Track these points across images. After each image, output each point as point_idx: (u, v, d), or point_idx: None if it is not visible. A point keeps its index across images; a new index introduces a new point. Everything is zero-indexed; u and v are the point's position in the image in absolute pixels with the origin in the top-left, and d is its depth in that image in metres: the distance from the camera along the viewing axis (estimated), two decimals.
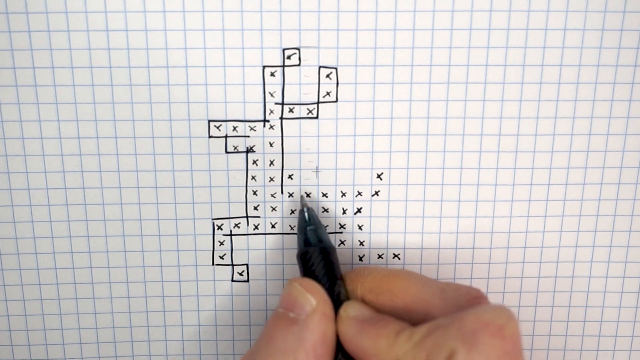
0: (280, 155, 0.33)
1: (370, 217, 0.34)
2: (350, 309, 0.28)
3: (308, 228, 0.31)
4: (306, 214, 0.32)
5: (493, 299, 0.35)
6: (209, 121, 0.32)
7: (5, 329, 0.35)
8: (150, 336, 0.36)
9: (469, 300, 0.27)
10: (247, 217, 0.34)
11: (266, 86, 0.32)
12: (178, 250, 0.34)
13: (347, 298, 0.30)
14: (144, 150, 0.33)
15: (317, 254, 0.30)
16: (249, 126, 0.32)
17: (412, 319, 0.28)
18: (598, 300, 0.35)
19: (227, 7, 0.30)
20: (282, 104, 0.32)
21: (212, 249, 0.34)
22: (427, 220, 0.34)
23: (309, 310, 0.28)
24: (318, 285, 0.29)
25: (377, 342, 0.26)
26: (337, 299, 0.29)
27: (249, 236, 0.34)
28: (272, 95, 0.32)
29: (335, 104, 0.32)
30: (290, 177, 0.33)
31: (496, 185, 0.33)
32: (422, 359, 0.24)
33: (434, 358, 0.24)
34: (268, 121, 0.32)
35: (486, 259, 0.34)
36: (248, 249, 0.34)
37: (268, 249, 0.34)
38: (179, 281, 0.35)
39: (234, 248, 0.34)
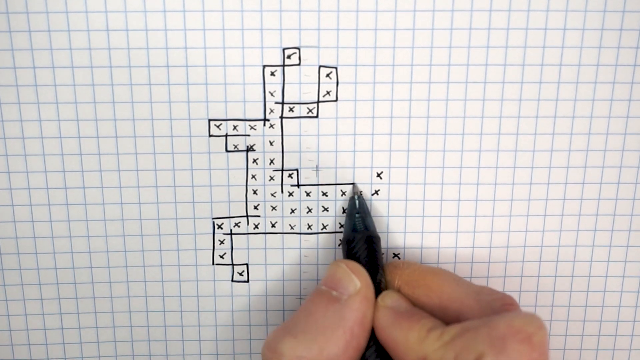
0: (281, 154, 0.33)
1: (370, 216, 0.34)
2: (387, 299, 0.29)
3: (357, 215, 0.32)
4: (357, 201, 0.32)
5: None
6: (209, 120, 0.32)
7: (6, 329, 0.35)
8: (150, 336, 0.36)
9: (502, 305, 0.27)
10: (247, 216, 0.34)
11: (266, 85, 0.32)
12: (178, 250, 0.34)
13: (386, 288, 0.30)
14: (144, 150, 0.33)
15: (362, 241, 0.30)
16: (249, 125, 0.32)
17: (445, 316, 0.28)
18: (598, 299, 0.35)
19: (227, 6, 0.31)
20: (282, 103, 0.32)
21: (212, 248, 0.34)
22: (427, 219, 0.34)
23: (352, 291, 0.28)
24: (363, 269, 0.29)
25: (408, 335, 0.27)
26: (378, 287, 0.29)
27: (249, 235, 0.34)
28: (272, 94, 0.32)
29: (335, 103, 0.32)
30: (290, 176, 0.33)
31: (496, 184, 0.33)
32: (450, 358, 0.25)
33: (462, 359, 0.24)
34: (268, 120, 0.32)
35: (486, 258, 0.34)
36: (248, 248, 0.34)
37: (268, 248, 0.34)
38: (179, 281, 0.35)
39: (234, 247, 0.34)
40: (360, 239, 0.31)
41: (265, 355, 0.28)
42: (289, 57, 0.31)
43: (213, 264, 0.35)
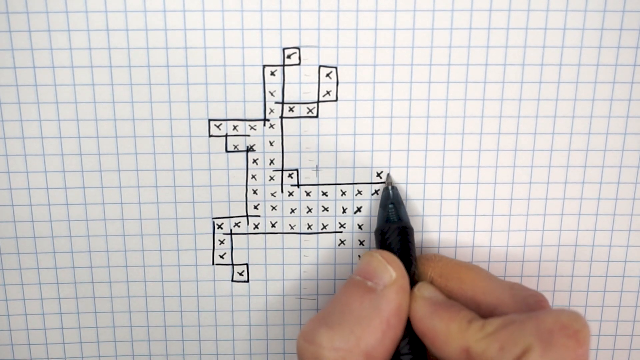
0: (281, 154, 0.33)
1: (370, 216, 0.34)
2: (424, 290, 0.29)
3: (390, 206, 0.32)
4: (390, 192, 0.32)
5: None
6: (209, 120, 0.32)
7: (6, 329, 0.35)
8: (150, 336, 0.36)
9: (536, 302, 0.28)
10: (247, 216, 0.34)
11: (266, 85, 0.32)
12: (178, 250, 0.34)
13: (419, 280, 0.30)
14: (144, 150, 0.33)
15: (396, 232, 0.30)
16: (249, 125, 0.32)
17: (479, 310, 0.28)
18: (598, 299, 0.35)
19: (227, 6, 0.31)
20: (282, 103, 0.32)
21: (212, 248, 0.34)
22: (427, 218, 0.34)
23: (388, 281, 0.28)
24: (398, 259, 0.29)
25: (449, 325, 0.27)
26: (411, 279, 0.29)
27: (249, 235, 0.34)
28: (272, 94, 0.32)
29: (335, 103, 0.32)
30: (290, 176, 0.33)
31: (495, 183, 0.33)
32: (494, 349, 0.25)
33: (508, 350, 0.25)
34: (268, 120, 0.32)
35: (485, 257, 0.34)
36: (248, 248, 0.34)
37: (268, 248, 0.34)
38: (179, 281, 0.35)
39: (234, 247, 0.34)
40: (394, 229, 0.31)
41: (302, 346, 0.27)
42: (289, 57, 0.31)
43: (213, 264, 0.35)
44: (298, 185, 0.33)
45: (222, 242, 0.34)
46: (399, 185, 0.33)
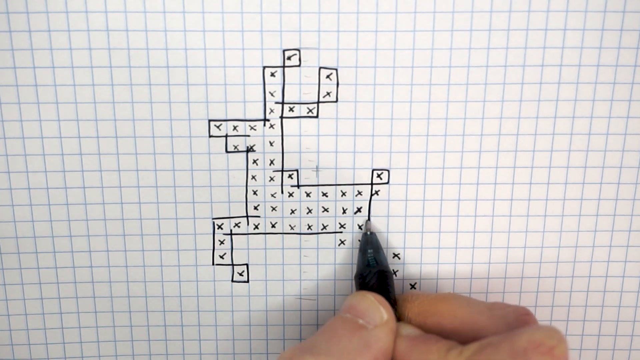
0: (281, 154, 0.33)
1: (370, 216, 0.34)
2: (402, 329, 0.30)
3: (369, 251, 0.33)
4: (370, 237, 0.33)
5: (492, 298, 0.35)
6: (209, 121, 0.32)
7: (6, 329, 0.35)
8: (150, 336, 0.36)
9: (517, 317, 0.28)
10: (247, 216, 0.34)
11: (266, 86, 0.32)
12: (178, 250, 0.34)
13: (398, 321, 0.31)
14: (144, 150, 0.33)
15: (375, 276, 0.31)
16: (249, 125, 0.32)
17: (461, 338, 0.28)
18: (598, 299, 0.35)
19: (227, 8, 0.30)
20: (282, 103, 0.32)
21: (212, 248, 0.34)
22: (427, 219, 0.34)
23: (379, 321, 0.29)
24: (387, 302, 0.30)
25: (427, 357, 0.27)
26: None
27: (249, 235, 0.34)
28: (272, 94, 0.32)
29: (335, 104, 0.32)
30: (290, 176, 0.33)
31: (496, 184, 0.33)
32: None
33: None
34: (268, 120, 0.32)
35: (486, 258, 0.34)
36: (248, 249, 0.34)
37: (268, 248, 0.34)
38: (179, 281, 0.35)
39: (234, 247, 0.34)
40: (373, 273, 0.31)
41: None
42: (289, 58, 0.31)
43: (213, 264, 0.35)
44: (298, 186, 0.33)
45: (222, 243, 0.34)
46: (399, 186, 0.33)
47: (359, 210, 0.34)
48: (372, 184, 0.33)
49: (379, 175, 0.33)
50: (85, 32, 0.31)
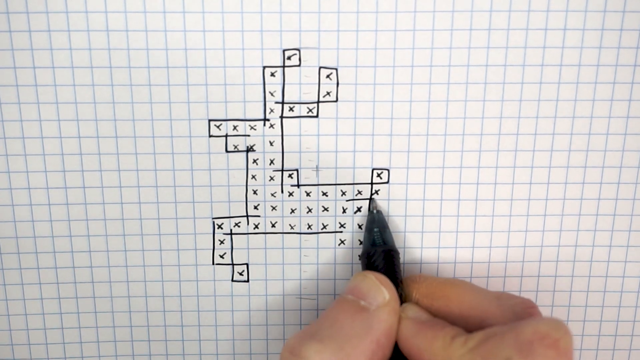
0: (281, 154, 0.33)
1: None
2: (408, 310, 0.29)
3: (375, 230, 0.32)
4: (375, 216, 0.33)
5: None
6: (209, 120, 0.32)
7: (6, 329, 0.35)
8: (151, 336, 0.36)
9: (524, 309, 0.28)
10: (247, 216, 0.34)
11: (266, 86, 0.32)
12: (178, 250, 0.34)
13: (405, 301, 0.30)
14: (144, 150, 0.33)
15: (382, 255, 0.31)
16: (249, 125, 0.32)
17: (467, 325, 0.28)
18: (598, 299, 0.35)
19: (227, 8, 0.30)
20: (282, 102, 0.32)
21: (212, 248, 0.34)
22: (427, 219, 0.34)
23: (381, 302, 0.28)
24: (390, 282, 0.29)
25: (432, 343, 0.27)
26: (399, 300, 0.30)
27: (249, 235, 0.34)
28: (272, 94, 0.32)
29: (335, 103, 0.32)
30: (290, 176, 0.33)
31: (495, 184, 0.33)
32: None
33: None
34: (268, 120, 0.32)
35: (486, 258, 0.34)
36: (248, 248, 0.34)
37: (268, 248, 0.34)
38: (179, 281, 0.35)
39: (234, 247, 0.34)
40: (379, 252, 0.31)
41: (287, 358, 0.27)
42: (289, 58, 0.31)
43: (213, 263, 0.35)
44: (298, 186, 0.33)
45: (222, 242, 0.34)
46: (399, 186, 0.33)
47: (359, 209, 0.34)
48: (372, 183, 0.33)
49: (379, 175, 0.33)
50: (85, 32, 0.31)
